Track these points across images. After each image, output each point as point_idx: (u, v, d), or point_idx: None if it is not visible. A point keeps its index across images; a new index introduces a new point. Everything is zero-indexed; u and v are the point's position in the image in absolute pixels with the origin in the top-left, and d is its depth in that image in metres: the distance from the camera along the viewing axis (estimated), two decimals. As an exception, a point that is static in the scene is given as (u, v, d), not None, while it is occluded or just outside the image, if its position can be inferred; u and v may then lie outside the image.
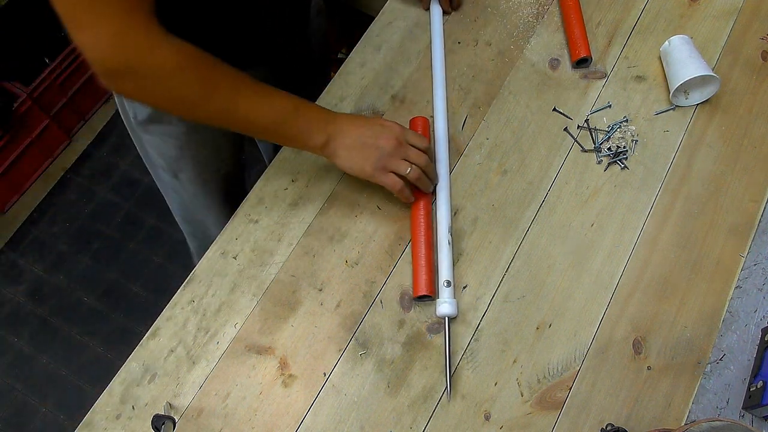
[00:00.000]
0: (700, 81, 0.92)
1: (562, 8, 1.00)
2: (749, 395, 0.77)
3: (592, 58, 0.96)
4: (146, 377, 0.78)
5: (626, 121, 0.93)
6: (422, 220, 0.84)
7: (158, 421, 0.72)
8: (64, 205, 1.89)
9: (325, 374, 0.78)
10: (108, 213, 1.88)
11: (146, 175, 1.94)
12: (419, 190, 0.84)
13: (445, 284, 0.80)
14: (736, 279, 0.84)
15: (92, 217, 1.89)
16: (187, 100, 0.70)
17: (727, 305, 0.83)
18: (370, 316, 0.81)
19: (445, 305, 0.79)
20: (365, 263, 0.84)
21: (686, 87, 0.93)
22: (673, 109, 0.94)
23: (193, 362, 0.79)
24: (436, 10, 0.99)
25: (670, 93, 0.92)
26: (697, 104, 0.94)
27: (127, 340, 1.70)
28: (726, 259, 0.85)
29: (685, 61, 0.91)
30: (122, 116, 0.97)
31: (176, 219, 1.24)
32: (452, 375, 0.77)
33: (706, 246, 0.86)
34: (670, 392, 0.78)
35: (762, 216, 0.88)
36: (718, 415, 0.78)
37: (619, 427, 0.73)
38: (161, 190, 1.14)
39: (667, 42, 0.95)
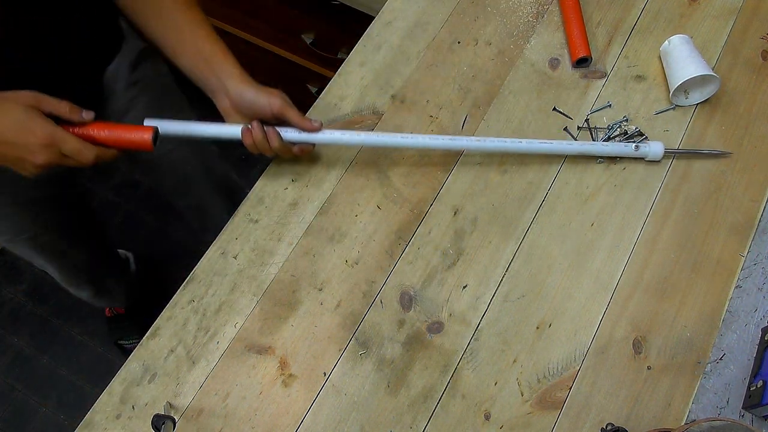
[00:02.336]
0: (700, 81, 0.92)
1: (562, 8, 1.00)
2: (749, 395, 0.77)
3: (592, 58, 0.96)
4: (146, 377, 0.78)
5: (626, 120, 0.92)
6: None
7: (158, 421, 0.72)
8: (64, 205, 1.90)
9: (325, 374, 0.78)
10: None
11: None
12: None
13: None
14: (736, 278, 0.84)
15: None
16: None
17: (727, 305, 0.83)
18: (370, 316, 0.81)
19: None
20: (365, 263, 0.84)
21: (686, 87, 0.93)
22: (673, 108, 0.94)
23: (193, 362, 0.79)
24: None
25: (670, 93, 0.92)
26: (697, 104, 0.94)
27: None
28: (726, 259, 0.85)
29: (685, 60, 0.91)
30: None
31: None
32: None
33: (706, 245, 0.86)
34: (670, 392, 0.78)
35: (762, 215, 0.88)
36: (718, 414, 0.78)
37: (619, 427, 0.73)
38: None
39: (667, 42, 0.95)
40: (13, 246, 1.08)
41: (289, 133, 0.81)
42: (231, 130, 0.80)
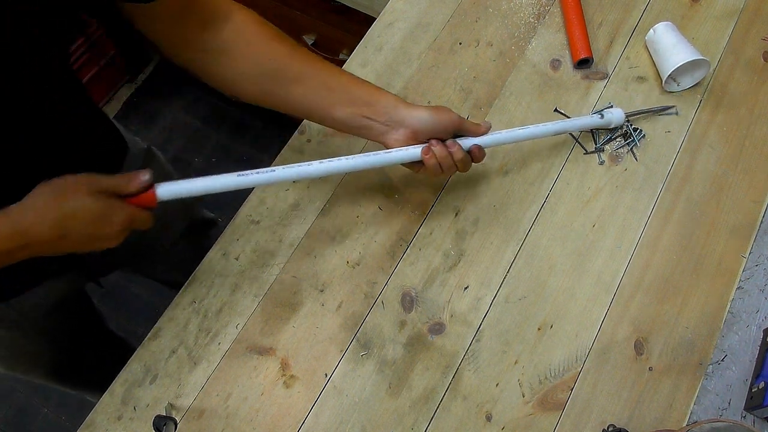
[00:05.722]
0: (689, 66, 0.92)
1: (563, 9, 1.00)
2: (751, 396, 0.77)
3: (593, 59, 0.96)
4: (148, 378, 0.78)
5: (628, 121, 0.92)
6: None
7: (160, 422, 0.72)
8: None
9: (326, 375, 0.78)
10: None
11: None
12: None
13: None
14: (738, 279, 0.84)
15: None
16: None
17: (728, 306, 0.83)
18: (371, 317, 0.81)
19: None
20: (366, 264, 0.84)
21: (676, 74, 0.93)
22: (676, 113, 0.93)
23: (195, 363, 0.79)
24: None
25: (662, 81, 0.92)
26: (699, 105, 0.94)
27: (128, 341, 1.69)
28: (727, 260, 0.85)
29: (674, 47, 0.91)
30: None
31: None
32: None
33: (708, 247, 0.86)
34: (671, 393, 0.78)
35: (763, 216, 0.88)
36: (720, 416, 0.78)
37: (620, 428, 0.73)
38: None
39: (651, 30, 0.95)
40: (31, 376, 1.04)
41: (465, 142, 0.76)
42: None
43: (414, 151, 0.74)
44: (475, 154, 0.76)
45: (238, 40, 0.69)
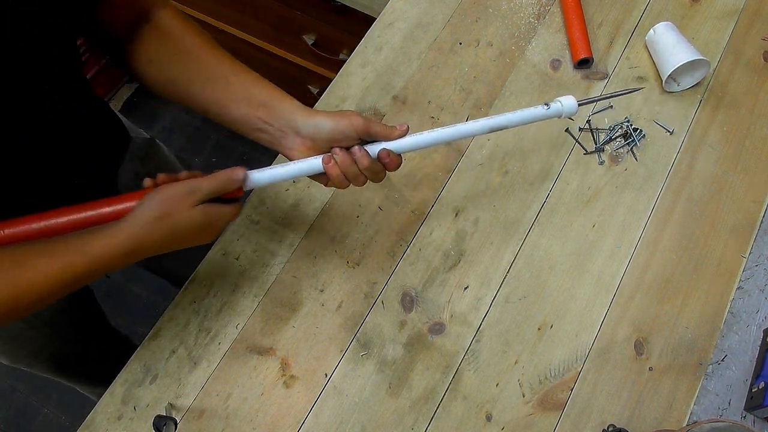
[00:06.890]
0: (689, 66, 0.92)
1: (564, 9, 1.00)
2: (751, 396, 0.77)
3: (593, 59, 0.96)
4: (148, 378, 0.78)
5: (628, 121, 0.92)
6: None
7: (160, 422, 0.72)
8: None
9: (326, 375, 0.78)
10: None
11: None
12: None
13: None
14: (738, 279, 0.84)
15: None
16: None
17: (728, 306, 0.83)
18: (371, 317, 0.81)
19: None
20: (366, 264, 0.84)
21: (676, 74, 0.93)
22: (672, 132, 0.93)
23: (195, 363, 0.79)
24: None
25: (662, 81, 0.92)
26: (699, 105, 0.94)
27: (131, 338, 1.69)
28: (727, 260, 0.85)
29: (674, 47, 0.91)
30: None
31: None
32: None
33: (708, 247, 0.86)
34: (671, 393, 0.78)
35: (764, 216, 0.88)
36: (720, 416, 0.78)
37: (620, 428, 0.73)
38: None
39: (651, 30, 0.95)
40: (34, 369, 1.04)
41: (374, 147, 0.68)
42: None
43: (315, 162, 0.68)
44: (385, 161, 0.68)
45: (154, 28, 0.71)
